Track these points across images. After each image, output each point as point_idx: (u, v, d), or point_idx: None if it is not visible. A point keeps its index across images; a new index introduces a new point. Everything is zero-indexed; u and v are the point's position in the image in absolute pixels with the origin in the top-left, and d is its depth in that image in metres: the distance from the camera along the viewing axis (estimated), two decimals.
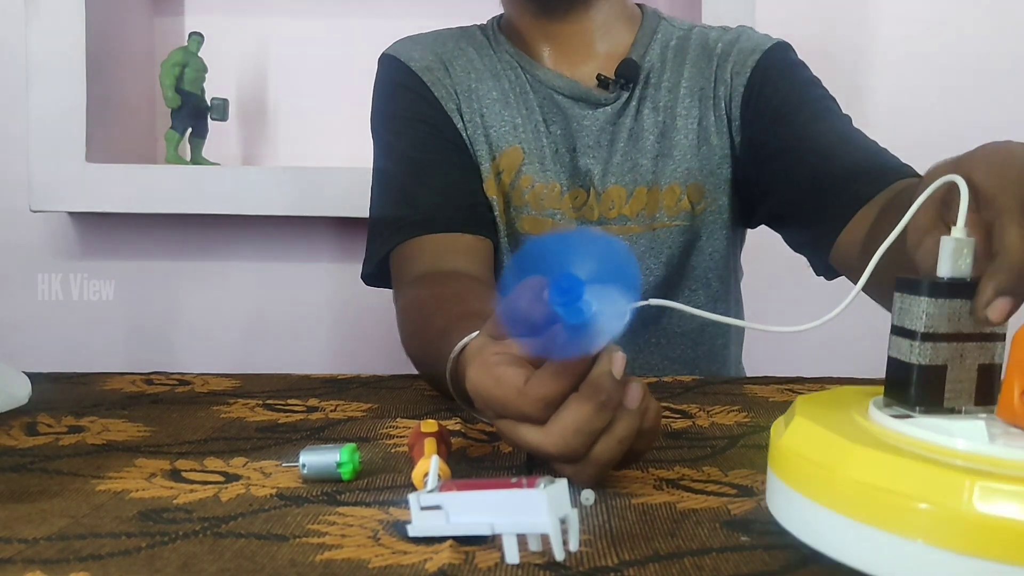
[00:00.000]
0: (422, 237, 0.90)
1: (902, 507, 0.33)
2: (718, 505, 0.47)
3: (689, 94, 0.97)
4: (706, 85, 0.97)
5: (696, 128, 0.97)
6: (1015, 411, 0.38)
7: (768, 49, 0.97)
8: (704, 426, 0.66)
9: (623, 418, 0.47)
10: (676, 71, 0.99)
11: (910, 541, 0.33)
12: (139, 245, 1.54)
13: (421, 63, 0.99)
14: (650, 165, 0.96)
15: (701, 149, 0.96)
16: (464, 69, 0.99)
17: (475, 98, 0.97)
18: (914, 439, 0.37)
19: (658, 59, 0.99)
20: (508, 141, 0.96)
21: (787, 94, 0.94)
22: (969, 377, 0.42)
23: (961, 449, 0.35)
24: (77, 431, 0.63)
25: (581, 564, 0.38)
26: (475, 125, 0.97)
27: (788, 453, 0.38)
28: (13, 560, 0.38)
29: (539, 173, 0.96)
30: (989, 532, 0.31)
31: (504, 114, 0.97)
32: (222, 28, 1.52)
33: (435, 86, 0.97)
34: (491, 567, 0.37)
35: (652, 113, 0.97)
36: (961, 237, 0.42)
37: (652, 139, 0.97)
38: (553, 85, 0.98)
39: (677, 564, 0.38)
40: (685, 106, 0.97)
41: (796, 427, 0.39)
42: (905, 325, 0.42)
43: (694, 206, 0.96)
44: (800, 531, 0.37)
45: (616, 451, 0.47)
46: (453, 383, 0.63)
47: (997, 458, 0.35)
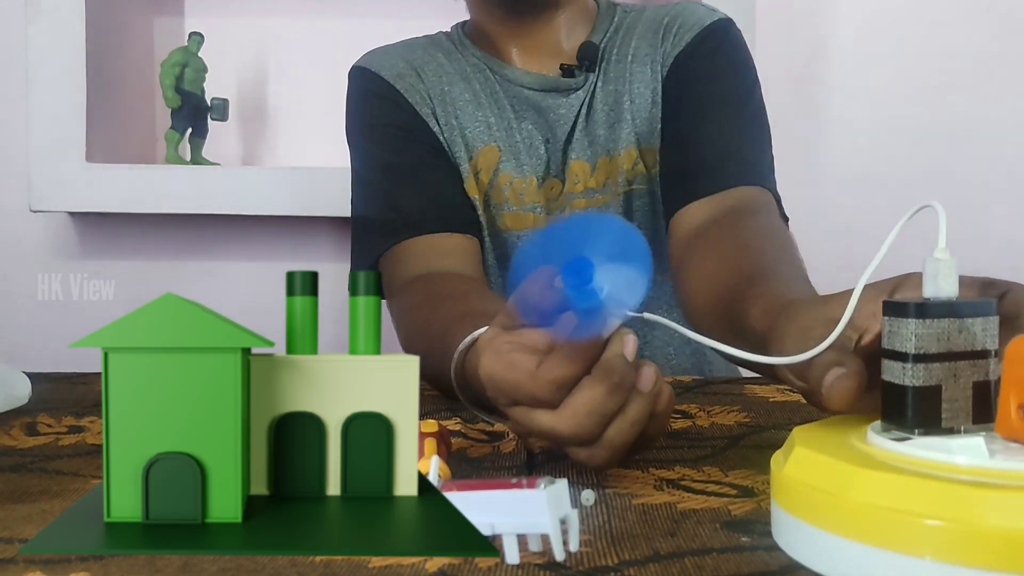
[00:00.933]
0: (410, 240, 0.91)
1: (913, 525, 0.33)
2: (718, 505, 0.47)
3: (638, 61, 1.00)
4: (652, 52, 1.00)
5: (645, 91, 0.99)
6: (1013, 426, 0.38)
7: (707, 25, 0.99)
8: (704, 426, 0.66)
9: (636, 400, 0.47)
10: (626, 43, 1.01)
11: (920, 560, 0.32)
12: (139, 245, 1.54)
13: (392, 71, 1.00)
14: (608, 134, 0.99)
15: (652, 112, 0.98)
16: (435, 74, 1.00)
17: (448, 101, 0.99)
18: (916, 458, 0.37)
19: (613, 40, 1.02)
20: (483, 140, 0.98)
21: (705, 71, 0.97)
22: (964, 396, 0.42)
23: (963, 465, 0.35)
24: (77, 431, 0.63)
25: (581, 564, 0.38)
26: (451, 128, 0.98)
27: (793, 483, 0.38)
28: (14, 560, 0.38)
29: (516, 169, 0.98)
30: (1000, 544, 0.31)
31: (478, 114, 0.99)
32: (222, 28, 1.52)
33: (408, 92, 0.99)
34: (491, 567, 0.37)
35: (603, 85, 1.00)
36: (943, 258, 0.43)
37: (606, 109, 0.99)
38: (522, 82, 1.00)
39: (677, 564, 0.38)
40: (634, 72, 0.99)
41: (798, 457, 0.39)
42: (896, 348, 0.42)
43: (649, 169, 0.99)
44: (812, 561, 0.37)
45: (629, 434, 0.48)
46: (458, 381, 0.62)
47: (1001, 471, 0.35)
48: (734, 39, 0.99)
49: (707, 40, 0.98)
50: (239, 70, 1.56)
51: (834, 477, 0.36)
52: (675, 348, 1.01)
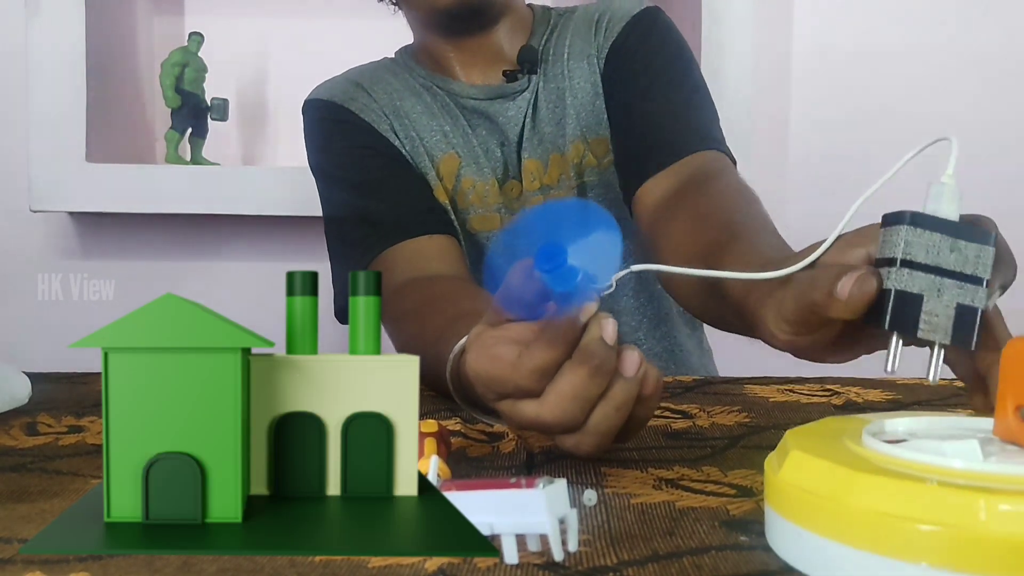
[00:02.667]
0: (392, 248, 0.92)
1: (907, 531, 0.33)
2: (717, 505, 0.47)
3: (574, 57, 1.02)
4: (587, 47, 1.02)
5: (585, 85, 1.01)
6: (1011, 428, 0.38)
7: (637, 13, 1.01)
8: (704, 426, 0.66)
9: (619, 385, 0.47)
10: (561, 41, 1.03)
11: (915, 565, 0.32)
12: (139, 245, 1.54)
13: (344, 95, 1.02)
14: (556, 131, 1.01)
15: (595, 104, 1.00)
16: (385, 91, 1.02)
17: (403, 114, 1.01)
18: (911, 462, 0.37)
19: (550, 40, 1.04)
20: (442, 148, 1.00)
21: (640, 55, 0.99)
22: (946, 313, 0.42)
23: (958, 468, 0.35)
24: (77, 431, 0.63)
25: (580, 564, 0.38)
26: (411, 140, 1.00)
27: (788, 487, 0.38)
28: (13, 560, 0.38)
29: (477, 173, 1.00)
30: (994, 550, 0.31)
31: (432, 124, 1.00)
32: (222, 28, 1.52)
33: (363, 112, 1.00)
34: (490, 567, 0.38)
35: (545, 85, 1.02)
36: (949, 183, 0.43)
37: (550, 107, 1.01)
38: (468, 94, 1.02)
39: (676, 564, 0.38)
40: (571, 68, 1.01)
41: (793, 461, 0.39)
42: (885, 255, 0.43)
43: (600, 160, 1.00)
44: (806, 565, 0.37)
45: (615, 419, 0.47)
46: (454, 383, 0.63)
47: (995, 475, 0.35)
48: (663, 23, 1.02)
49: (637, 26, 1.00)
50: (239, 70, 1.56)
51: (828, 481, 0.36)
52: (644, 333, 1.02)
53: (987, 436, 0.40)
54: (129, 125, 1.50)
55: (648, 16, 1.02)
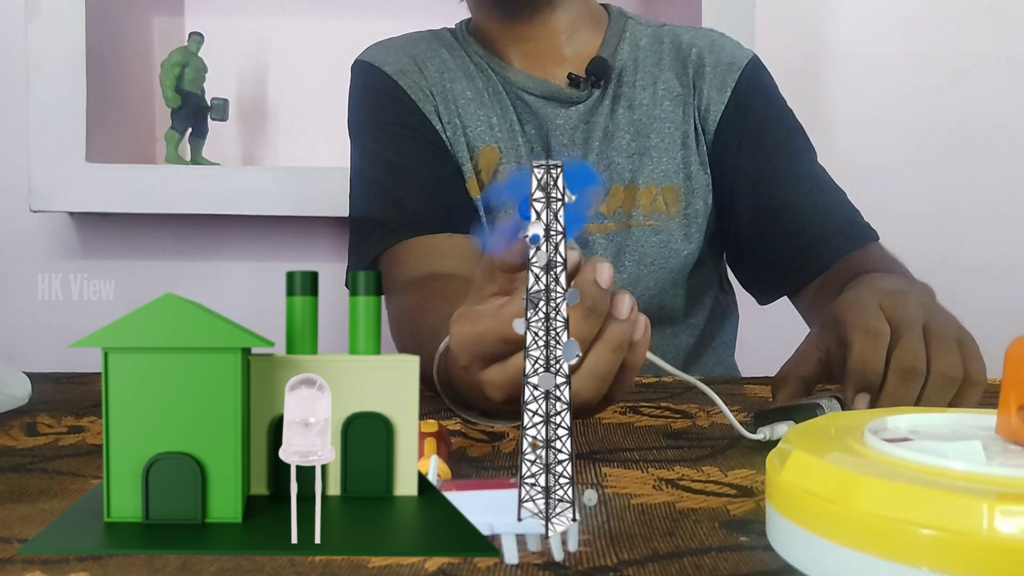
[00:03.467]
0: (410, 240, 0.91)
1: (909, 534, 0.33)
2: (717, 505, 0.47)
3: (668, 97, 0.99)
4: (685, 93, 0.99)
5: (674, 132, 0.98)
6: (1013, 428, 0.38)
7: (746, 67, 0.99)
8: (704, 426, 0.66)
9: (613, 326, 0.47)
10: (651, 72, 1.00)
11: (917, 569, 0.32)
12: (139, 245, 1.54)
13: (395, 66, 0.99)
14: (627, 163, 0.97)
15: (679, 153, 0.98)
16: (438, 69, 0.99)
17: (451, 98, 0.98)
18: (912, 463, 0.36)
19: (630, 58, 1.00)
20: (485, 140, 0.97)
21: (764, 124, 0.98)
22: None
23: (960, 471, 0.35)
24: (77, 431, 0.63)
25: (580, 564, 0.38)
26: (454, 126, 0.97)
27: (790, 488, 0.38)
28: (13, 560, 0.38)
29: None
30: (995, 554, 0.31)
31: (480, 113, 0.98)
32: (222, 28, 1.52)
33: (411, 89, 0.98)
34: (490, 567, 0.37)
35: (627, 112, 0.98)
36: None
37: (628, 137, 0.98)
38: (524, 86, 0.98)
39: (676, 564, 0.38)
40: (663, 108, 0.98)
41: (796, 461, 0.39)
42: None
43: (668, 208, 0.97)
44: (807, 566, 0.37)
45: (611, 360, 0.47)
46: (441, 381, 0.62)
47: (997, 478, 0.34)
48: (769, 80, 1.00)
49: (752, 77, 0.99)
50: (239, 70, 1.56)
51: (830, 483, 0.36)
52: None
53: (989, 435, 0.40)
54: (129, 125, 1.50)
55: (756, 68, 1.00)
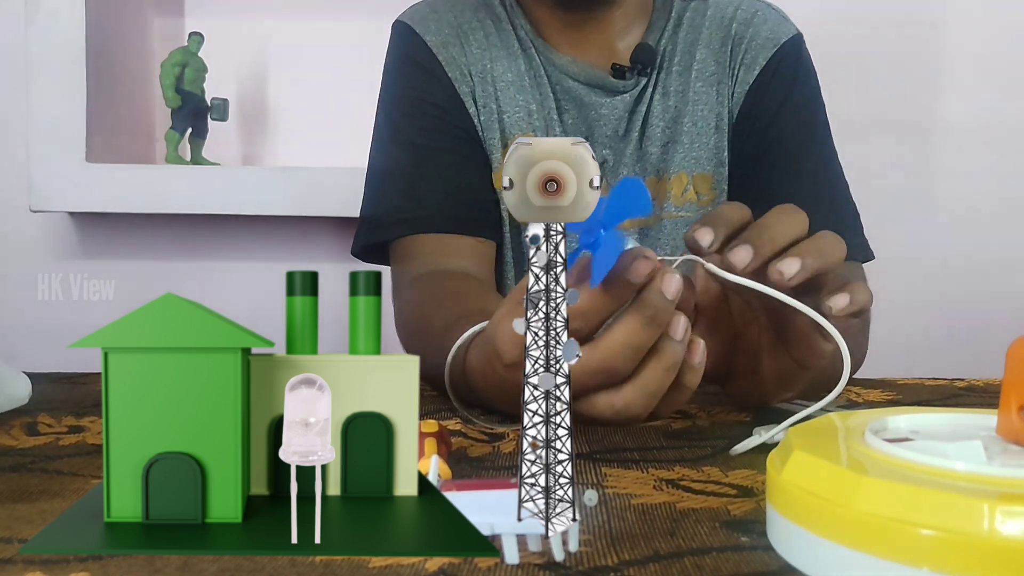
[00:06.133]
0: (424, 234, 0.89)
1: (909, 535, 0.33)
2: (718, 505, 0.47)
3: (701, 78, 0.94)
4: (719, 71, 0.94)
5: (708, 115, 0.93)
6: (1014, 428, 0.38)
7: (783, 45, 0.93)
8: (704, 426, 0.66)
9: (669, 344, 0.47)
10: (688, 52, 0.95)
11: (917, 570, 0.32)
12: (139, 245, 1.54)
13: (437, 37, 0.94)
14: (659, 153, 0.93)
15: (712, 138, 0.93)
16: (480, 45, 0.94)
17: (489, 80, 0.93)
18: (913, 463, 0.36)
19: (670, 40, 0.95)
20: (521, 128, 0.93)
21: (779, 110, 0.93)
22: None
23: (961, 471, 0.35)
24: (77, 431, 0.63)
25: (581, 564, 0.38)
26: (489, 111, 0.93)
27: (790, 488, 0.38)
28: (13, 560, 0.38)
29: None
30: (996, 555, 0.31)
31: (519, 98, 0.93)
32: (222, 28, 1.52)
33: (449, 66, 0.93)
34: (491, 567, 0.37)
35: (662, 99, 0.94)
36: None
37: (662, 126, 0.94)
38: (568, 71, 0.94)
39: (677, 564, 0.38)
40: (697, 91, 0.94)
41: (796, 461, 0.39)
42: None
43: (700, 196, 0.93)
44: (807, 566, 0.37)
45: (663, 379, 0.47)
46: (452, 381, 0.62)
47: (998, 478, 0.34)
48: (806, 63, 0.95)
49: (784, 58, 0.93)
50: (239, 70, 1.56)
51: (831, 483, 0.36)
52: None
53: (990, 435, 0.40)
54: (129, 125, 1.50)
55: (793, 48, 0.94)
